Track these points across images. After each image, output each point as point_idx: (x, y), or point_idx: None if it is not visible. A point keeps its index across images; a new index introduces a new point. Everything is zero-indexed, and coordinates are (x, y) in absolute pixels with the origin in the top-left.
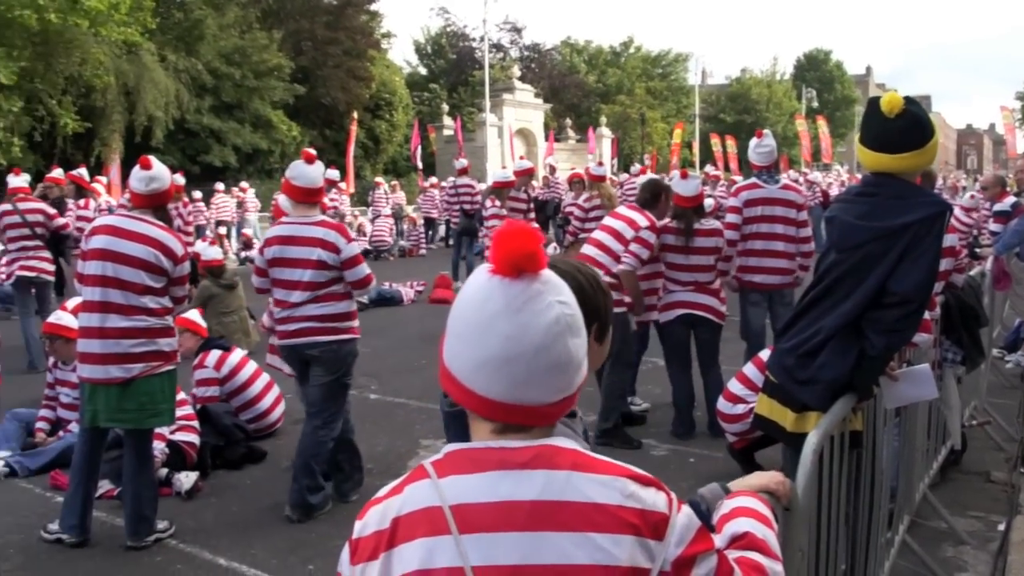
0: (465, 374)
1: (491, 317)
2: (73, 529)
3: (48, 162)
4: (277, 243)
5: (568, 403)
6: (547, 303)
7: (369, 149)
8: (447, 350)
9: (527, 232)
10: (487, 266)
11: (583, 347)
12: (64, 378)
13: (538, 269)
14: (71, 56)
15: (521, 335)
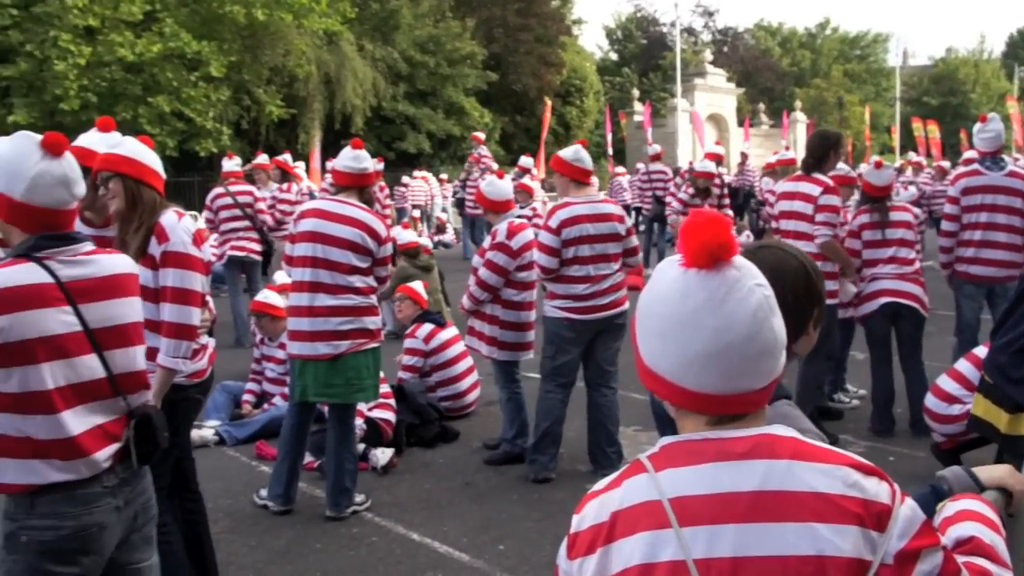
0: (674, 372)
1: (694, 312)
2: (279, 498)
3: (253, 149)
4: (582, 222)
5: (773, 385)
6: (748, 289)
7: (559, 135)
8: (647, 350)
9: (716, 220)
10: (676, 259)
11: (783, 326)
12: (270, 354)
13: (732, 256)
14: (276, 48)
15: (729, 326)
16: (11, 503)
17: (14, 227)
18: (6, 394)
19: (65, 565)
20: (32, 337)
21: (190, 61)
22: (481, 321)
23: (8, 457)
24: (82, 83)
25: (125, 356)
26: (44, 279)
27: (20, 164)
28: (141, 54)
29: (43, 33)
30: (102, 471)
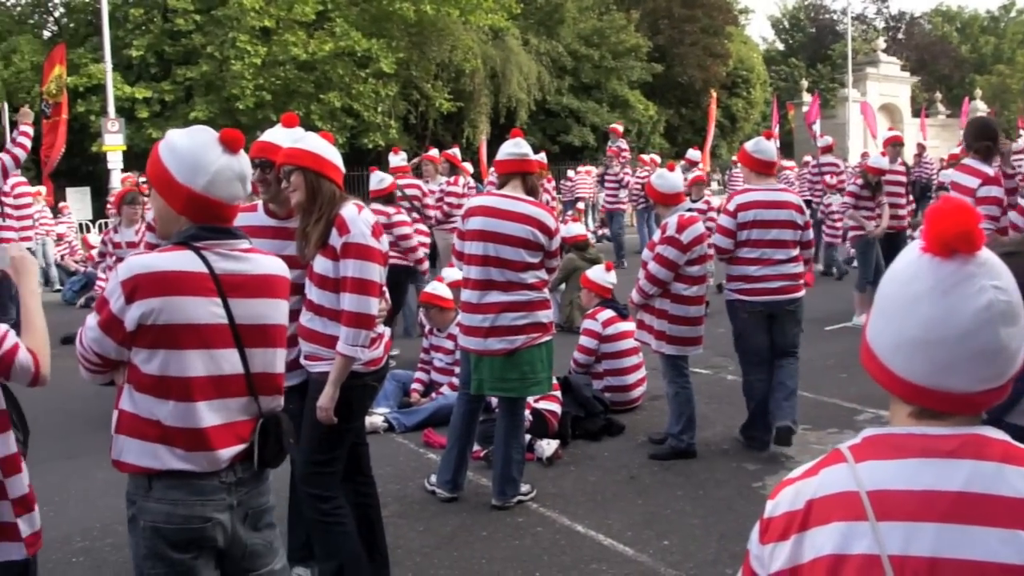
0: (885, 353)
1: (915, 297)
2: (447, 484)
3: (420, 143)
4: (758, 207)
5: (997, 394)
6: (979, 287)
7: (725, 128)
8: (871, 326)
9: (962, 209)
10: (919, 243)
11: (1019, 337)
12: (438, 344)
13: (973, 249)
14: (443, 44)
15: (945, 318)
16: (131, 483)
17: (184, 218)
18: (147, 375)
19: (178, 552)
20: (179, 323)
21: (360, 58)
22: (650, 315)
23: (134, 437)
24: (257, 82)
25: (265, 356)
26: (199, 268)
27: (203, 157)
28: (313, 53)
29: (223, 35)
30: (222, 468)
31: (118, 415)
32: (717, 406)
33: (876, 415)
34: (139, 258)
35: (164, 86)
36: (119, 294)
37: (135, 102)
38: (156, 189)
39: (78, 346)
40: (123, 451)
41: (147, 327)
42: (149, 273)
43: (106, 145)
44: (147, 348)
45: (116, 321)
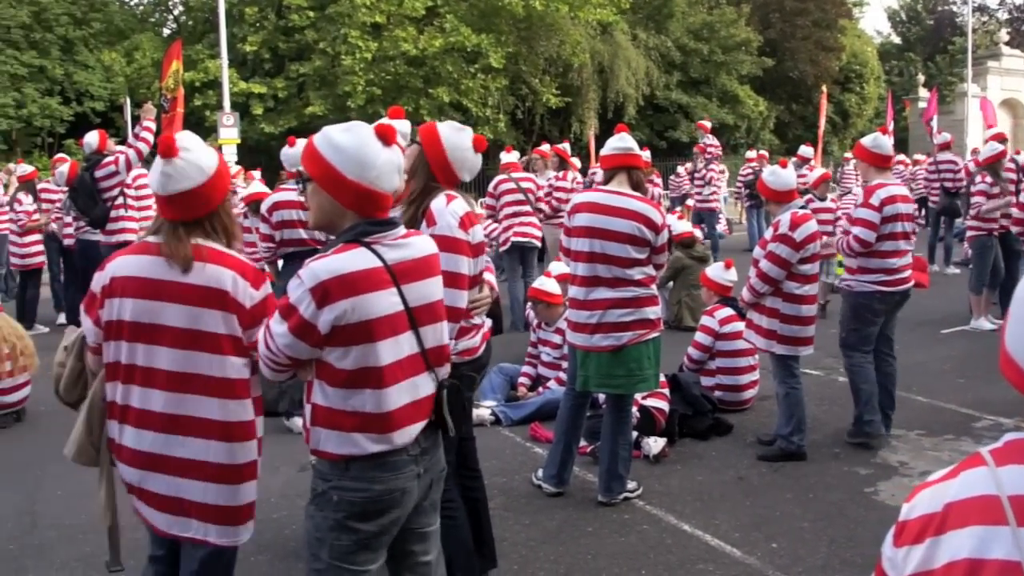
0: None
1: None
2: (552, 479)
3: (528, 138)
4: (897, 201)
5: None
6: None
7: (837, 124)
8: (1009, 333)
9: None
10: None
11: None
12: (546, 338)
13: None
14: (551, 39)
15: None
16: (326, 465)
17: (352, 212)
18: (342, 371)
19: (366, 523)
20: (369, 318)
21: (469, 54)
22: (759, 314)
23: (330, 428)
24: (368, 77)
25: (435, 332)
26: (374, 263)
27: (368, 152)
28: (423, 48)
29: (335, 31)
30: (410, 442)
31: (312, 409)
32: (828, 408)
33: (995, 422)
34: (322, 263)
35: (277, 82)
36: (308, 300)
37: (249, 97)
38: (321, 185)
39: (262, 348)
40: (321, 441)
41: (340, 328)
42: (335, 277)
43: (221, 139)
44: (341, 347)
45: (309, 326)
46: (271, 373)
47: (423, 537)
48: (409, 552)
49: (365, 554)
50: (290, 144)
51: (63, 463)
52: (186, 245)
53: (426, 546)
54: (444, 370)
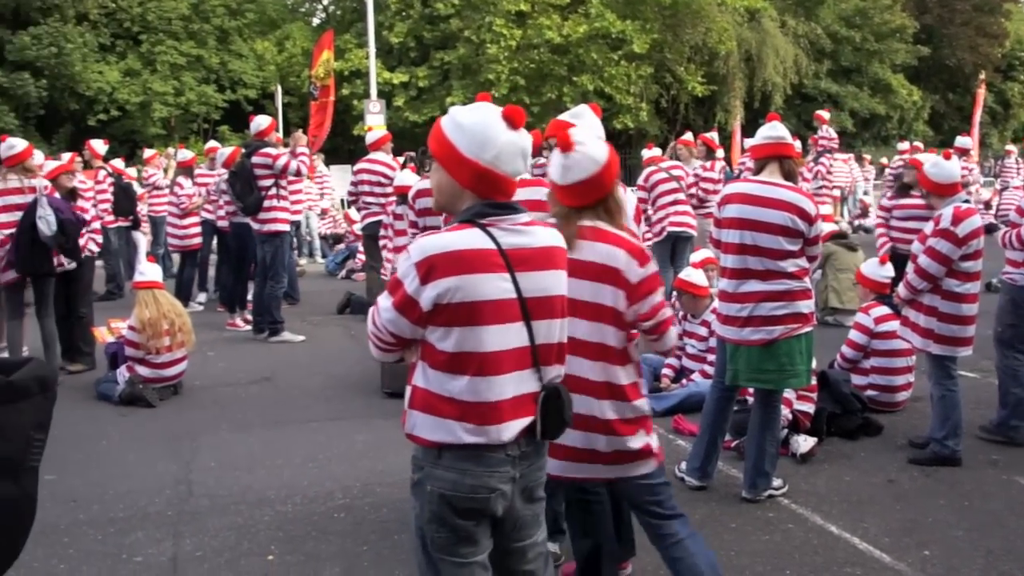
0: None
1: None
2: (696, 472)
3: (671, 127)
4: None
5: None
6: None
7: (997, 114)
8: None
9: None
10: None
11: None
12: (691, 330)
13: None
14: (697, 26)
15: None
16: (420, 451)
17: (469, 192)
18: (442, 352)
19: (461, 518)
20: (474, 300)
21: (613, 41)
22: (916, 311)
23: (427, 413)
24: (512, 65)
25: (549, 328)
26: (488, 245)
27: (489, 132)
28: (567, 36)
29: (479, 19)
30: (508, 440)
31: (411, 391)
32: (984, 412)
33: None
34: (431, 238)
35: (420, 71)
36: (413, 275)
37: (394, 87)
38: (441, 163)
39: (370, 326)
40: (416, 425)
41: (443, 306)
42: (443, 253)
43: (368, 126)
44: (442, 326)
45: (411, 301)
46: (377, 352)
47: (523, 552)
48: (514, 570)
49: (466, 546)
50: None
51: (216, 435)
52: (573, 227)
53: (529, 563)
54: (552, 370)
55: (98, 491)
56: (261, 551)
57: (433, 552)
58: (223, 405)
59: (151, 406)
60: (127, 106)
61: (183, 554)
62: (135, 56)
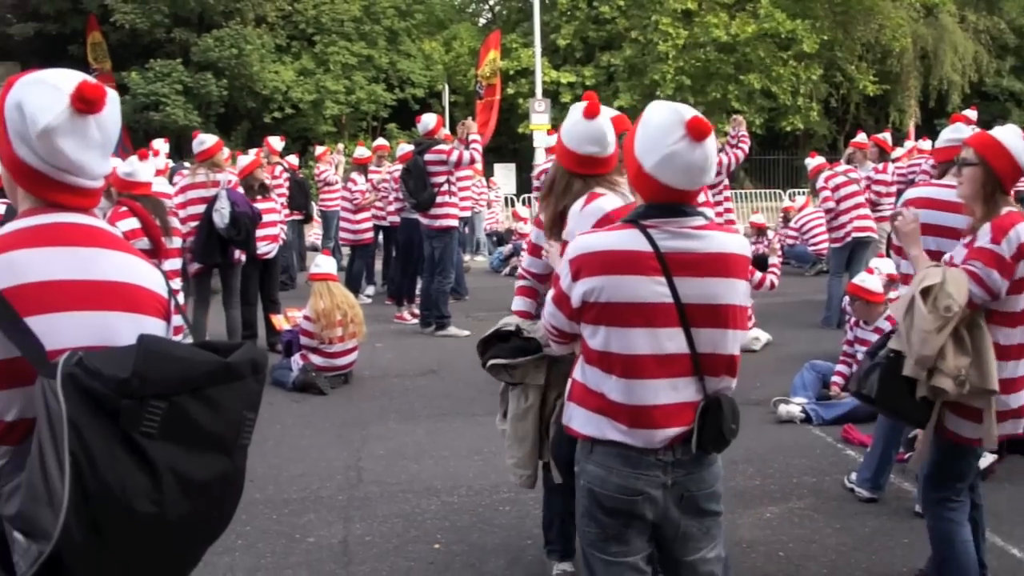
0: None
1: None
2: (867, 483)
3: (840, 127)
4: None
5: None
6: None
7: None
8: None
9: None
10: None
11: None
12: (864, 337)
13: None
14: (870, 23)
15: None
16: (579, 444)
17: (636, 192)
18: (593, 349)
19: (609, 516)
20: (622, 301)
21: (782, 40)
22: None
23: (581, 406)
24: (678, 65)
25: (713, 336)
26: (643, 247)
27: (661, 138)
28: (735, 35)
29: (646, 19)
30: (659, 446)
31: (571, 384)
32: None
33: None
34: (585, 238)
35: (586, 71)
36: (567, 272)
37: (559, 86)
38: (623, 154)
39: (545, 316)
40: (572, 417)
41: (590, 304)
42: (592, 253)
43: (533, 125)
44: (591, 324)
45: (564, 297)
46: (551, 343)
47: (693, 567)
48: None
49: (616, 545)
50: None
51: (385, 425)
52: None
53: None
54: (719, 381)
55: (273, 473)
56: (428, 539)
57: (584, 546)
58: (391, 395)
59: (323, 394)
60: (300, 104)
61: (353, 538)
62: (309, 56)
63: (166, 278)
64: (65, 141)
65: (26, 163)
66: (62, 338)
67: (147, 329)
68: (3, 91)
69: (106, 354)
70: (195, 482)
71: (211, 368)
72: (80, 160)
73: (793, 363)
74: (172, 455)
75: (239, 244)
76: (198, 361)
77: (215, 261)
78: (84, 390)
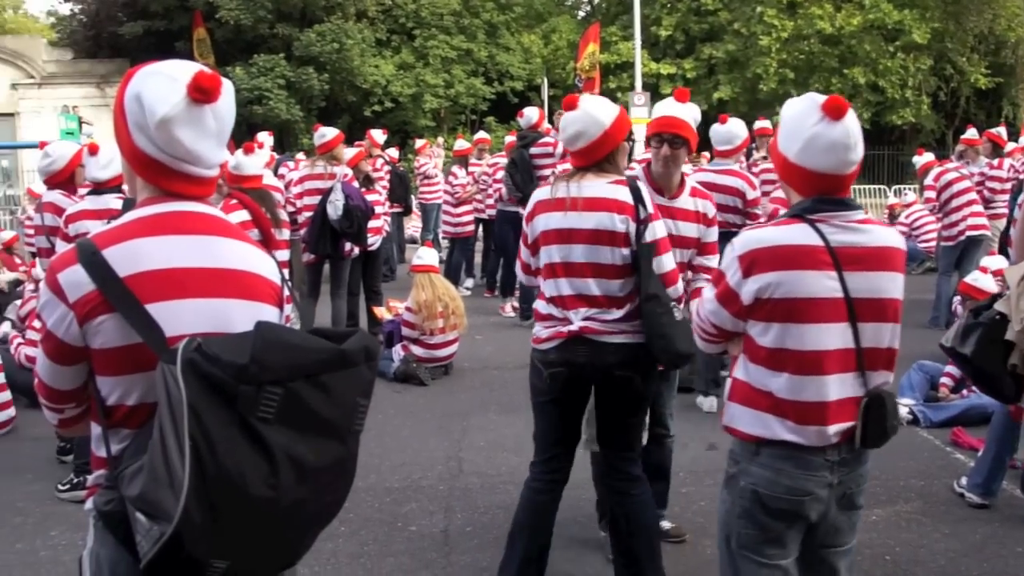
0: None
1: None
2: (978, 488)
3: (949, 122)
4: None
5: None
6: None
7: None
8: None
9: None
10: None
11: None
12: None
13: None
14: (983, 13)
15: None
16: (738, 445)
17: (789, 187)
18: (762, 347)
19: (772, 518)
20: (796, 296)
21: (889, 31)
22: None
23: (746, 406)
24: (780, 58)
25: (876, 331)
26: (815, 241)
27: (799, 124)
28: (840, 27)
29: (749, 11)
30: (828, 444)
31: (731, 383)
32: None
33: None
34: (756, 232)
35: (686, 63)
36: (736, 268)
37: (659, 78)
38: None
39: (695, 316)
40: (735, 418)
41: (763, 300)
42: (766, 248)
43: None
44: (762, 321)
45: (732, 294)
46: (701, 343)
47: (836, 557)
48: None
49: (773, 547)
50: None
51: (485, 416)
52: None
53: (839, 565)
54: (879, 376)
55: (375, 462)
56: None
57: (737, 549)
58: (491, 387)
59: (423, 384)
60: (400, 98)
61: (454, 528)
62: (409, 50)
63: (279, 266)
64: (182, 130)
65: (145, 153)
66: (181, 324)
67: (262, 316)
68: (122, 84)
69: (224, 340)
70: (310, 467)
71: (326, 355)
72: (197, 149)
73: (900, 363)
74: (288, 440)
75: (351, 236)
76: (313, 348)
77: (325, 253)
78: (203, 376)
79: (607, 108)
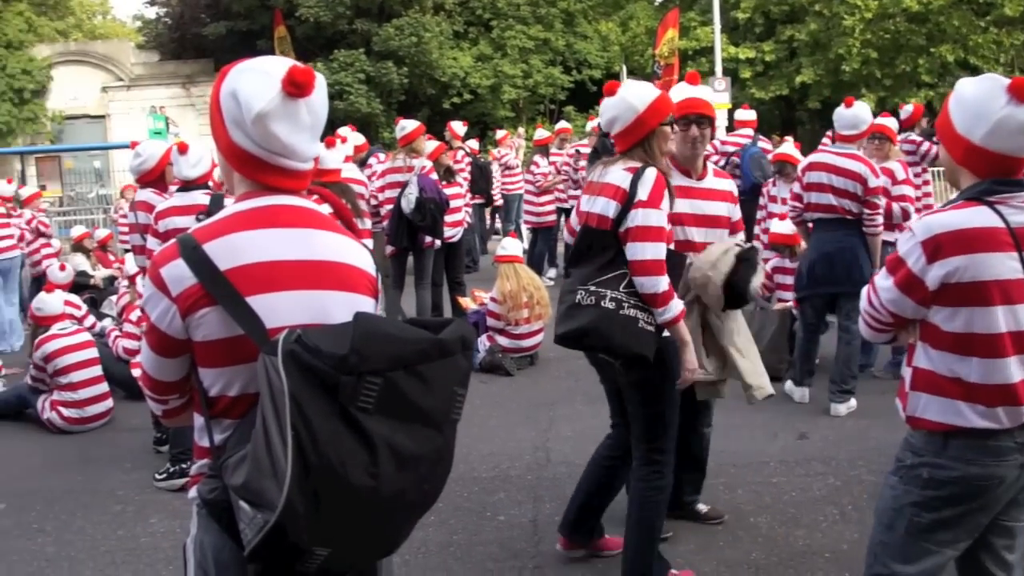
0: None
1: None
2: None
3: None
4: None
5: None
6: None
7: None
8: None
9: None
10: None
11: None
12: None
13: None
14: None
15: None
16: (920, 438)
17: (964, 169)
18: (948, 333)
19: (953, 506)
20: (984, 279)
21: (980, 5)
22: None
23: (933, 394)
24: (864, 38)
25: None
26: (996, 223)
27: (985, 107)
28: (927, 3)
29: None
30: (1018, 425)
31: (912, 372)
32: None
33: None
34: (936, 216)
35: (766, 46)
36: (919, 254)
37: (739, 62)
38: (939, 136)
39: (864, 304)
40: (920, 407)
41: (951, 285)
42: (950, 232)
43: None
44: (949, 307)
45: (916, 281)
46: (869, 332)
47: (1009, 532)
48: (990, 543)
49: (945, 534)
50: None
51: (571, 406)
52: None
53: (1011, 542)
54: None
55: (463, 451)
56: (617, 521)
57: (907, 534)
58: (577, 377)
59: (509, 374)
60: (479, 89)
61: (543, 517)
62: (486, 42)
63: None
64: (278, 125)
65: (242, 148)
66: (280, 316)
67: (359, 307)
68: (216, 81)
69: (323, 332)
70: (409, 456)
71: (424, 345)
72: (292, 143)
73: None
74: (388, 430)
75: (425, 229)
76: (412, 338)
77: (403, 245)
78: (304, 366)
79: (642, 93)
